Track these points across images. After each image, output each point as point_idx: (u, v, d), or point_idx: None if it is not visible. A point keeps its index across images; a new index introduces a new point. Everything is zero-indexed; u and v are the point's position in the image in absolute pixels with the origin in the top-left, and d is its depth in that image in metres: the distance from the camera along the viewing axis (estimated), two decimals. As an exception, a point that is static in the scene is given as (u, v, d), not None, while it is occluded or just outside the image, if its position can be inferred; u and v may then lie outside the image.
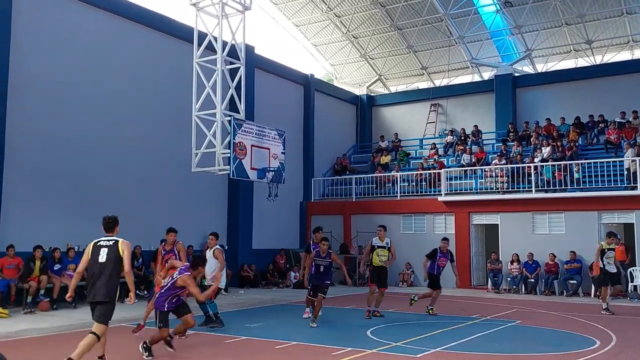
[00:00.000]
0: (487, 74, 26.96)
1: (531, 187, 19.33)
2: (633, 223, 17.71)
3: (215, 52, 15.47)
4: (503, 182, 20.36)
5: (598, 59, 25.32)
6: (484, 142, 24.46)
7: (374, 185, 23.36)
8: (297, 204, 24.17)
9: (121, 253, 7.14)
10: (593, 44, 24.67)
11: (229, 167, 14.73)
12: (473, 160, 22.43)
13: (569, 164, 19.16)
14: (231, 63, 15.96)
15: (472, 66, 27.30)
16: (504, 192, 20.13)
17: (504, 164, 20.77)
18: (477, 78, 27.75)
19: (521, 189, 19.81)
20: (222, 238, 19.47)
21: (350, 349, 8.65)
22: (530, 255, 18.62)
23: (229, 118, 15.01)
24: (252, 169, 15.22)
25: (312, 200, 24.42)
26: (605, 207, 18.11)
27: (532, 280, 18.42)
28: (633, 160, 17.92)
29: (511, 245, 19.11)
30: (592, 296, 16.91)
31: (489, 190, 20.69)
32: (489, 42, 26.63)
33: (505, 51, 26.70)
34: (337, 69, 29.97)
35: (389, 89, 30.15)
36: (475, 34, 25.72)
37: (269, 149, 15.82)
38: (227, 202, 20.77)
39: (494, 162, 21.43)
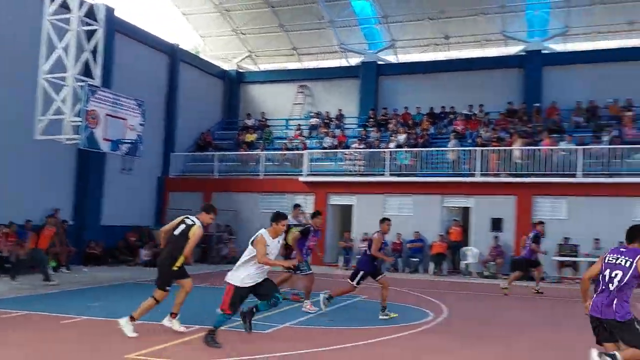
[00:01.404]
0: (355, 60, 27.82)
1: (385, 171, 20.45)
2: (470, 207, 19.48)
3: (70, 10, 14.37)
4: (361, 166, 21.27)
5: (454, 54, 27.10)
6: (346, 126, 25.33)
7: (238, 163, 23.30)
8: (154, 179, 23.41)
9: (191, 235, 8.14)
10: (451, 39, 26.37)
11: (78, 136, 13.86)
12: (335, 143, 23.16)
13: (421, 151, 20.51)
14: (88, 24, 14.90)
15: (340, 51, 27.99)
16: (361, 175, 21.06)
17: (362, 148, 21.68)
18: (344, 63, 28.52)
19: (376, 172, 20.83)
20: (66, 212, 18.45)
21: (198, 327, 8.52)
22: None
23: (81, 84, 14.06)
24: (105, 139, 14.38)
25: (171, 176, 23.78)
26: (448, 192, 19.73)
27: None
28: (475, 150, 19.61)
29: (364, 225, 20.05)
30: (430, 273, 18.49)
31: (347, 172, 21.52)
32: (358, 29, 27.44)
33: (372, 39, 27.69)
34: (207, 41, 29.25)
35: (259, 66, 30.06)
36: (345, 19, 26.36)
37: (125, 119, 15.04)
38: (75, 174, 19.56)
39: (353, 145, 22.29)
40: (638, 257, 5.58)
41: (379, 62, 26.71)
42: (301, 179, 21.39)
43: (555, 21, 24.33)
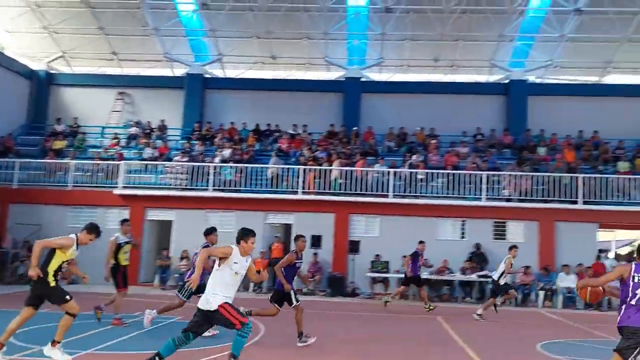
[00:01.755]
0: (180, 71, 26.98)
1: (209, 186, 19.97)
2: (291, 224, 19.79)
3: None
4: (183, 180, 20.51)
5: (282, 74, 27.63)
6: (169, 138, 24.36)
7: (43, 172, 21.03)
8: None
9: None
10: (277, 59, 26.85)
11: None
12: (155, 154, 22.10)
13: (247, 167, 20.41)
14: None
15: (165, 60, 26.97)
16: (183, 190, 20.30)
17: (186, 162, 20.96)
18: (169, 73, 27.54)
19: (199, 187, 20.24)
20: None
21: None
22: (202, 253, 19.14)
23: None
24: None
25: (-42, 184, 20.71)
26: (270, 209, 19.85)
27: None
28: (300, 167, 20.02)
29: (183, 242, 19.28)
30: (250, 291, 18.41)
31: (168, 186, 20.60)
32: (184, 40, 26.70)
33: (198, 51, 27.12)
34: (15, 37, 26.25)
35: (73, 69, 27.72)
36: (171, 28, 25.48)
37: None
38: None
39: (176, 158, 21.45)
40: None
41: (206, 75, 26.25)
42: (116, 191, 19.98)
43: (372, 52, 26.09)
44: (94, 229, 8.19)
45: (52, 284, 7.69)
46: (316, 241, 19.04)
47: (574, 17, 22.96)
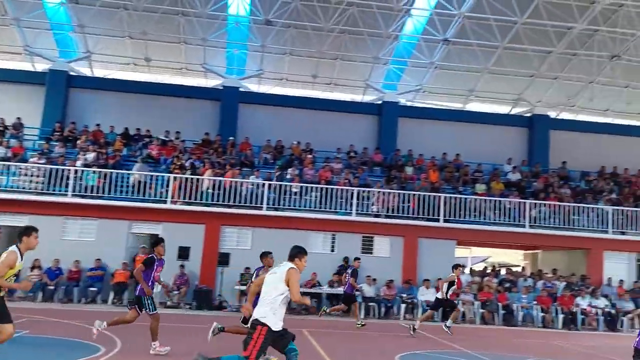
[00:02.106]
0: (42, 66, 24.96)
1: (68, 191, 18.52)
2: (158, 234, 18.85)
3: None
4: (39, 183, 18.85)
5: (156, 78, 26.53)
6: (26, 137, 22.35)
7: None
8: None
9: None
10: (152, 62, 25.77)
11: None
12: (8, 154, 20.14)
13: (111, 172, 19.20)
14: None
15: (25, 53, 24.82)
16: (39, 194, 18.65)
17: (43, 163, 19.30)
18: (29, 67, 25.37)
19: (57, 192, 18.69)
20: None
21: None
22: (56, 262, 17.66)
23: None
24: None
25: None
26: (136, 218, 18.82)
27: (52, 287, 17.42)
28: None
29: (36, 250, 17.59)
30: (109, 303, 17.21)
31: (22, 189, 18.83)
32: (49, 33, 24.78)
33: (65, 47, 25.30)
34: None
35: None
36: (34, 20, 23.53)
37: None
38: None
39: (32, 159, 19.68)
40: None
41: (71, 73, 24.51)
42: (-44, 194, 17.89)
43: (252, 63, 25.95)
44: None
45: None
46: (183, 252, 18.35)
47: (443, 46, 24.47)
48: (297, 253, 6.80)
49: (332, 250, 19.97)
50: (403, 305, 18.84)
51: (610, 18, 22.85)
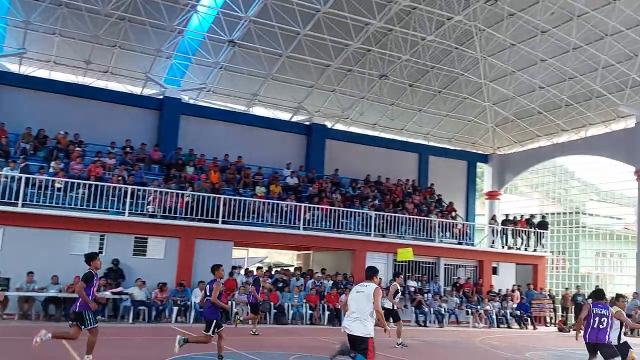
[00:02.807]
0: None
1: None
2: None
3: None
4: None
5: None
6: None
7: None
8: None
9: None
10: None
11: None
12: None
13: None
14: None
15: None
16: None
17: None
18: None
19: None
20: None
21: None
22: None
23: None
24: None
25: None
26: None
27: None
28: None
29: None
30: None
31: None
32: None
33: None
34: None
35: None
36: None
37: None
38: None
39: None
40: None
41: None
42: None
43: (12, 40, 22.90)
44: None
45: None
46: None
47: (228, 47, 24.39)
48: (373, 273, 8.47)
49: (101, 252, 18.36)
50: (175, 309, 18.15)
51: (381, 40, 25.08)
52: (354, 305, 8.05)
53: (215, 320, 10.41)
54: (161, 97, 24.97)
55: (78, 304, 9.31)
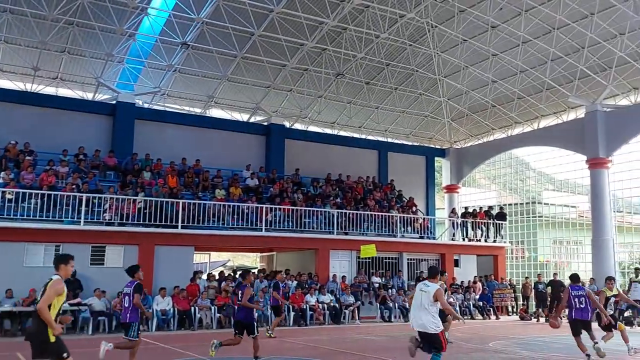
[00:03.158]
0: None
1: None
2: None
3: None
4: None
5: None
6: None
7: None
8: None
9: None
10: None
11: None
12: None
13: None
14: None
15: None
16: None
17: None
18: None
19: None
20: None
21: None
22: None
23: None
24: None
25: None
26: None
27: None
28: None
29: None
30: None
31: None
32: None
33: None
34: None
35: None
36: None
37: None
38: None
39: None
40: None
41: None
42: None
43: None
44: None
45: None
46: None
47: (182, 50, 24.05)
48: (436, 273, 9.10)
49: (56, 263, 17.86)
50: (137, 317, 17.74)
51: (336, 39, 25.15)
52: (418, 303, 8.71)
53: (254, 322, 11.09)
54: (114, 102, 24.42)
55: (129, 315, 9.89)
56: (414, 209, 27.74)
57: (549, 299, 22.61)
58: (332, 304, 20.90)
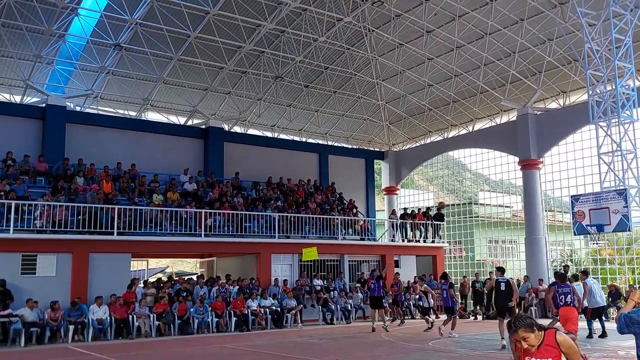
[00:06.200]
0: None
1: None
2: None
3: None
4: None
5: None
6: None
7: None
8: None
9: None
10: None
11: None
12: None
13: None
14: None
15: None
16: None
17: None
18: None
19: None
20: None
21: None
22: None
23: None
24: None
25: None
26: None
27: None
28: None
29: None
30: None
31: None
32: None
33: None
34: None
35: None
36: None
37: None
38: None
39: None
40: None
41: None
42: None
43: None
44: None
45: None
46: None
47: (115, 51, 23.36)
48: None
49: (-17, 274, 16.95)
50: (72, 327, 17.07)
51: (274, 42, 25.07)
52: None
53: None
54: (43, 105, 23.39)
55: None
56: (354, 211, 27.98)
57: (486, 297, 23.25)
58: (274, 308, 20.76)
